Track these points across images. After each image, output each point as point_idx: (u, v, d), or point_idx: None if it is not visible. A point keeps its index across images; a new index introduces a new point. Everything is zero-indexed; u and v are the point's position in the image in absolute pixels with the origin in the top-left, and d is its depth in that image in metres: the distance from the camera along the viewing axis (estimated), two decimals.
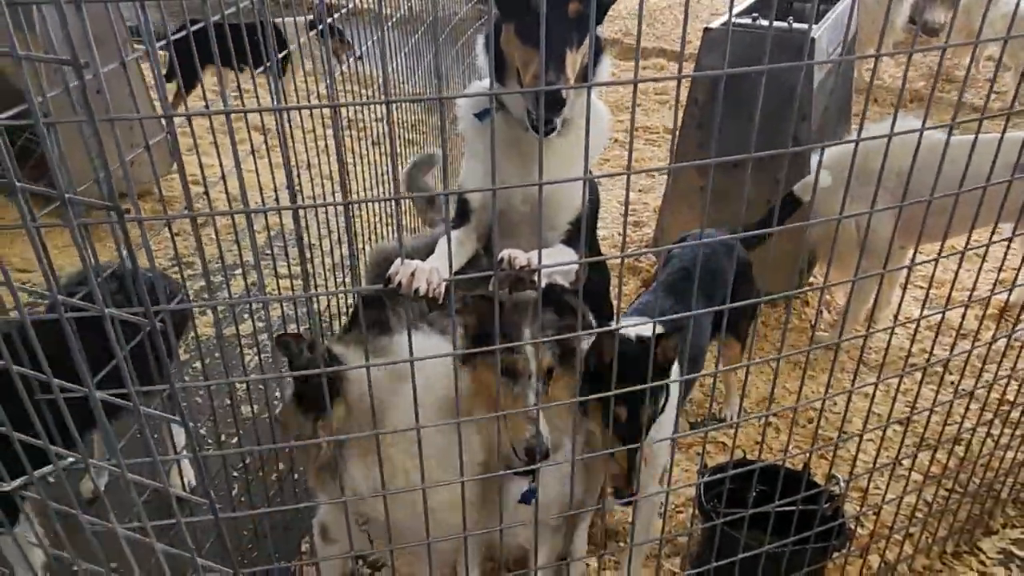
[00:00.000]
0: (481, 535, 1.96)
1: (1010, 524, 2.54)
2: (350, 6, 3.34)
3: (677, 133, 3.14)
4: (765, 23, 3.37)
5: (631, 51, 7.17)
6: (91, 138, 0.99)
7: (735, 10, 3.62)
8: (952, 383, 2.86)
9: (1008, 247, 1.93)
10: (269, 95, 1.78)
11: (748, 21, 3.43)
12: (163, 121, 1.22)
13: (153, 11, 1.59)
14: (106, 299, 1.04)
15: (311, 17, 4.78)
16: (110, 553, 1.29)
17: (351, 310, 2.96)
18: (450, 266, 1.22)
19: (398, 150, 3.44)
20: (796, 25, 3.28)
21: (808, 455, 2.05)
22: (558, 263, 1.68)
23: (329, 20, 4.51)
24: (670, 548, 2.48)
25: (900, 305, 1.99)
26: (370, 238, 3.24)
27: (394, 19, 3.51)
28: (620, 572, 2.31)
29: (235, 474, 2.67)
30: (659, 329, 1.80)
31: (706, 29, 3.39)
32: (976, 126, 1.69)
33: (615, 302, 2.08)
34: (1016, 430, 2.30)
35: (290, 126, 1.68)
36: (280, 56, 2.35)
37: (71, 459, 1.17)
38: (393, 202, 1.13)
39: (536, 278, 1.45)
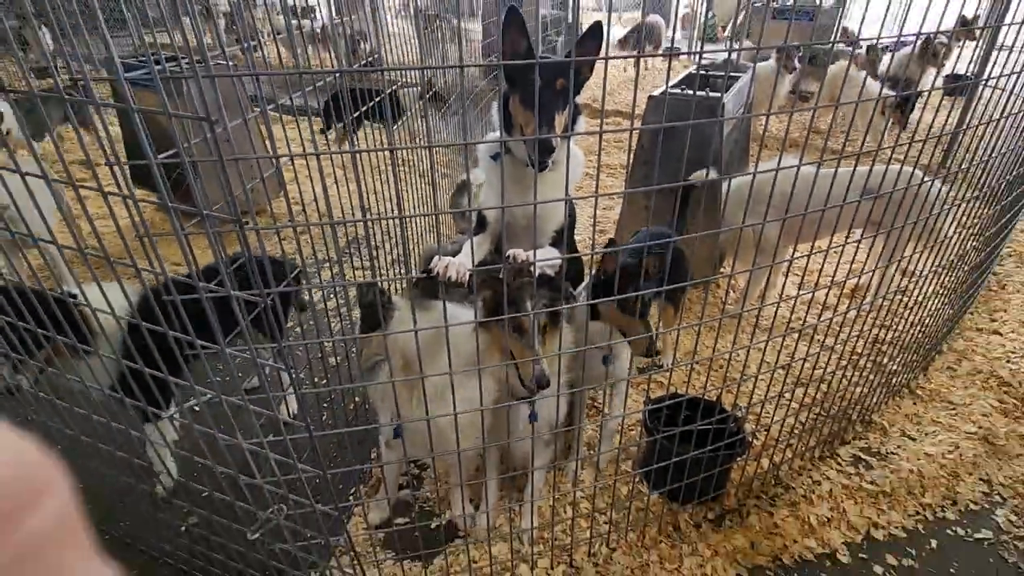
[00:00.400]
0: (496, 447, 1.96)
1: (858, 437, 2.53)
2: (403, 80, 3.29)
3: (630, 168, 3.11)
4: (691, 92, 3.32)
5: (598, 112, 7.11)
6: (220, 172, 0.97)
7: (670, 83, 3.57)
8: (819, 341, 2.84)
9: (857, 247, 1.91)
10: (348, 142, 1.75)
11: (679, 91, 3.38)
12: (273, 160, 1.20)
13: (265, 84, 1.55)
14: (232, 283, 1.03)
15: (419, 88, 4.53)
16: (236, 461, 1.29)
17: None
18: (473, 260, 1.20)
19: (437, 180, 3.41)
20: (712, 93, 3.23)
21: (720, 391, 2.04)
22: (546, 259, 1.66)
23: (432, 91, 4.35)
24: (625, 455, 2.47)
25: (783, 286, 1.96)
26: (418, 243, 3.22)
27: (434, 90, 3.46)
28: (591, 471, 2.31)
29: (324, 405, 2.67)
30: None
31: (650, 96, 3.33)
32: (836, 164, 1.67)
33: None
34: (862, 373, 2.29)
35: (361, 164, 1.65)
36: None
37: (209, 394, 1.16)
38: (434, 216, 1.10)
39: (532, 268, 1.43)
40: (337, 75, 1.48)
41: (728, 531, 2.10)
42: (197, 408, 1.27)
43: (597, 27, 1.41)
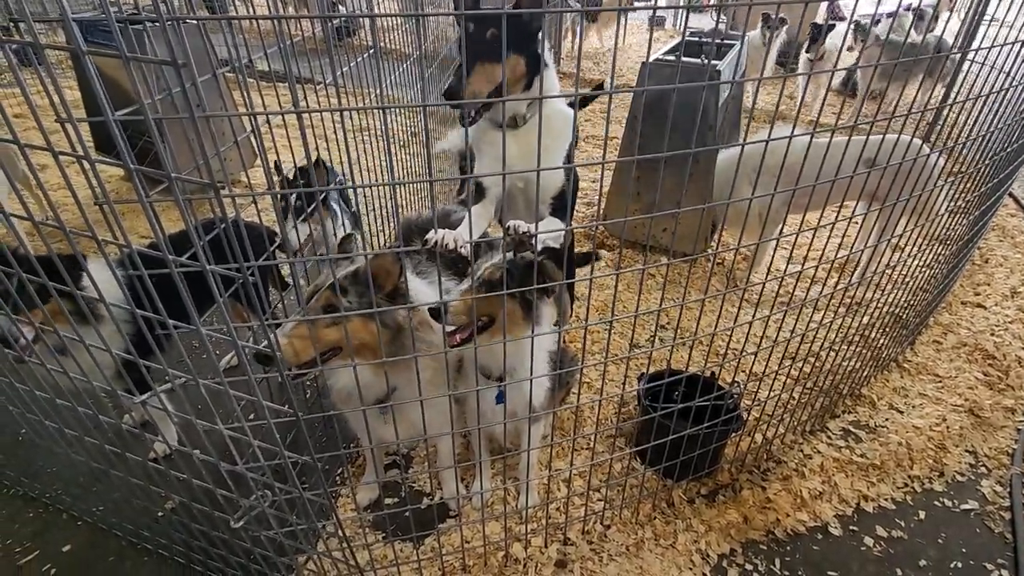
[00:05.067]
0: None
1: (848, 411, 2.53)
2: (380, 46, 3.10)
3: (624, 137, 3.00)
4: (687, 60, 3.18)
5: (587, 82, 6.93)
6: (192, 125, 0.85)
7: (663, 50, 3.44)
8: (817, 316, 2.81)
9: (849, 223, 1.83)
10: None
11: (672, 58, 3.26)
12: (248, 122, 1.08)
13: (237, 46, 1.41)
14: (207, 254, 0.92)
15: None
16: (216, 445, 1.19)
17: None
18: (471, 232, 1.11)
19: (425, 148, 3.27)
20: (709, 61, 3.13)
21: (720, 367, 2.00)
22: (549, 230, 1.56)
23: None
24: (619, 432, 2.43)
25: (779, 260, 1.91)
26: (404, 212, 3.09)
27: (413, 56, 3.30)
28: (586, 450, 2.27)
29: (308, 383, 2.57)
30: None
31: (643, 63, 3.21)
32: (832, 135, 1.57)
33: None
34: (852, 348, 2.26)
35: (344, 131, 1.53)
36: None
37: (184, 378, 1.05)
38: (430, 184, 1.00)
39: (533, 241, 1.33)
40: (321, 23, 1.35)
41: (722, 506, 2.09)
42: (174, 389, 1.16)
43: None
